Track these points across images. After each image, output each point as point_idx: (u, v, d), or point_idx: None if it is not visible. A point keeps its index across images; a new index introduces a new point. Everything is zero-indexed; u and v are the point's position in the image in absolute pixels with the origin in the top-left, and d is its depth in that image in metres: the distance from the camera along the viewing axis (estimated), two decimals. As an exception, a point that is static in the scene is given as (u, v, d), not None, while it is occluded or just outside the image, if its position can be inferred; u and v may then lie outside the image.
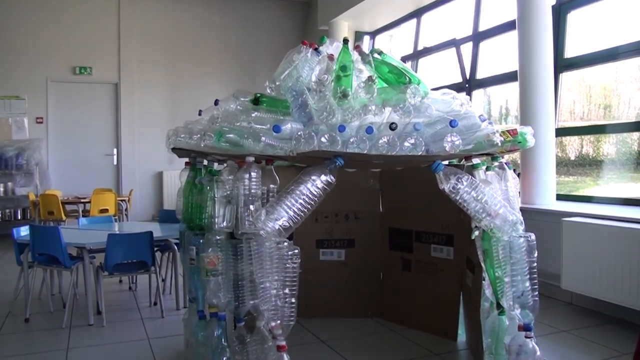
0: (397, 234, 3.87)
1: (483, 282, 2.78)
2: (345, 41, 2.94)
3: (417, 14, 7.74)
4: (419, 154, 2.42)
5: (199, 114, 3.00)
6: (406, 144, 2.41)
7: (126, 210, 7.84)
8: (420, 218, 3.72)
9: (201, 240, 2.70)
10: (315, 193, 2.28)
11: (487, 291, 2.77)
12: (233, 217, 2.56)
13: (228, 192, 2.58)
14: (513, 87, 6.35)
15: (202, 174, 2.88)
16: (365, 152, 2.38)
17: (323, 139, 2.37)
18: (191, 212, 2.85)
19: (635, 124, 4.77)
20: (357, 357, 3.14)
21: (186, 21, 9.43)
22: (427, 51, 7.55)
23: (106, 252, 3.84)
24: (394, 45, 8.69)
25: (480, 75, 6.45)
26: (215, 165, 2.93)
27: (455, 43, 6.86)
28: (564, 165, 5.59)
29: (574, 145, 5.72)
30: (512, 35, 5.72)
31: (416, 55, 7.72)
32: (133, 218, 8.46)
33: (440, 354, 3.20)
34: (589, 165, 5.86)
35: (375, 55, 3.05)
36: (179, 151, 2.96)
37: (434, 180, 3.54)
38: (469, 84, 6.55)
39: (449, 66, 7.03)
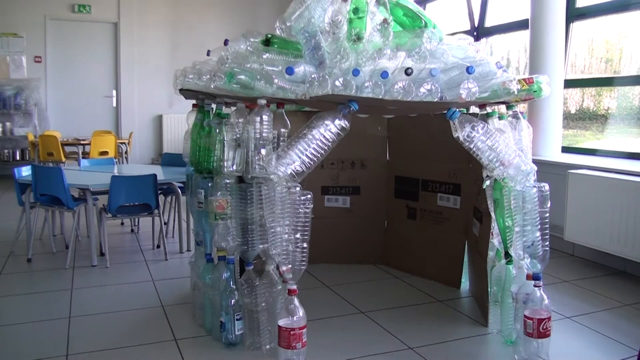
0: (403, 182, 3.85)
1: (491, 231, 2.78)
2: (360, -19, 2.83)
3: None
4: (435, 100, 2.36)
5: (207, 54, 2.92)
6: (422, 90, 2.35)
7: (126, 153, 7.80)
8: (427, 167, 3.69)
9: (209, 184, 2.67)
10: (329, 138, 2.24)
11: (495, 240, 2.77)
12: (243, 161, 2.52)
13: (238, 136, 2.54)
14: (516, 37, 6.25)
15: (211, 117, 2.82)
16: (380, 97, 2.32)
17: (337, 83, 2.31)
18: (199, 155, 2.81)
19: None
20: (361, 302, 3.17)
21: (187, -41, 9.16)
22: (435, -4, 7.36)
23: (110, 194, 3.82)
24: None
25: (489, 23, 6.31)
26: (224, 108, 2.88)
27: (464, -12, 6.67)
28: (564, 118, 5.53)
29: (574, 99, 5.66)
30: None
31: (423, 0, 7.53)
32: (132, 161, 8.43)
33: (444, 301, 3.24)
34: (589, 119, 5.81)
35: (389, -3, 2.94)
36: (186, 92, 2.89)
37: (444, 129, 3.50)
38: (477, 32, 6.41)
39: (457, 12, 6.87)
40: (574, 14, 4.88)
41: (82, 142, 7.28)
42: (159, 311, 3.05)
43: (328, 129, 2.24)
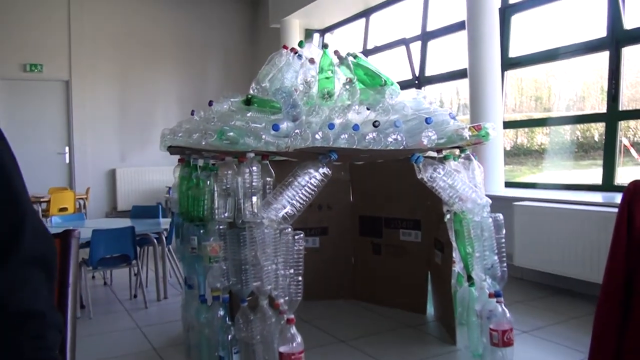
0: (367, 221, 4.21)
1: (453, 259, 3.16)
2: (325, 46, 3.24)
3: (366, 13, 8.10)
4: (401, 148, 2.74)
5: (192, 114, 3.23)
6: (389, 139, 2.74)
7: (84, 207, 7.87)
8: (388, 206, 4.07)
9: (202, 231, 2.94)
10: (314, 184, 2.57)
11: (458, 266, 3.14)
12: (233, 208, 2.81)
13: (228, 186, 2.83)
14: (451, 85, 6.85)
15: (198, 170, 3.11)
16: (354, 147, 2.69)
17: (317, 136, 2.66)
18: (188, 205, 3.08)
19: (577, 117, 5.28)
20: (339, 332, 3.45)
21: (137, 19, 9.44)
22: (377, 50, 7.91)
23: (91, 247, 3.99)
24: (342, 43, 9.03)
25: (428, 72, 6.87)
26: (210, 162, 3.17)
27: (405, 42, 7.25)
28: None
29: (509, 136, 6.18)
30: (458, 36, 6.19)
31: (366, 54, 8.07)
32: (89, 216, 8.47)
33: (413, 326, 3.57)
34: (523, 154, 6.37)
35: (350, 58, 3.36)
36: (173, 149, 3.18)
37: (402, 171, 3.91)
38: (418, 81, 6.96)
39: (398, 64, 7.43)
40: (507, 63, 5.47)
41: (41, 199, 7.32)
42: (153, 354, 3.24)
43: (313, 177, 2.57)
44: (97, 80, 9.19)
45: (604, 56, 4.71)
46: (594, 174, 5.02)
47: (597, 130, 5.56)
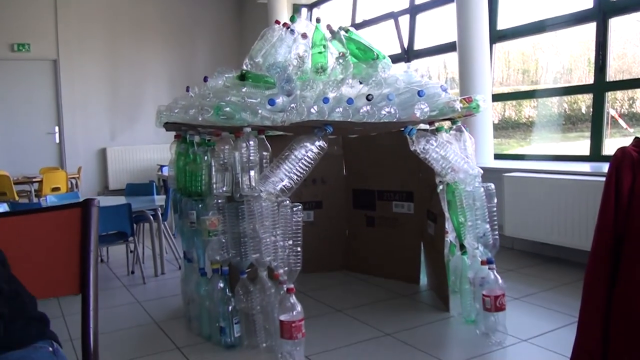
0: (361, 194, 4.29)
1: (446, 229, 3.24)
2: (318, 20, 3.27)
3: (355, -13, 8.08)
4: (394, 120, 2.80)
5: (187, 90, 3.26)
6: (383, 112, 2.79)
7: (77, 187, 7.88)
8: (381, 179, 4.14)
9: (200, 205, 3.00)
10: (311, 157, 2.63)
11: (451, 236, 3.23)
12: (231, 182, 2.87)
13: (225, 161, 2.88)
14: (438, 59, 6.89)
15: (195, 146, 3.15)
16: (349, 120, 2.74)
17: (312, 110, 2.71)
18: (186, 180, 3.12)
19: (564, 89, 5.35)
20: (335, 302, 3.54)
21: (123, -5, 9.38)
22: (365, 24, 7.91)
23: (88, 225, 4.03)
24: (330, 18, 9.00)
25: (417, 46, 6.90)
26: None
27: (393, 15, 7.25)
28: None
29: (497, 109, 6.25)
30: (446, 9, 6.23)
31: (354, 28, 8.04)
32: (83, 195, 8.48)
33: (407, 295, 3.67)
34: (511, 128, 6.45)
35: (342, 33, 3.39)
36: (169, 125, 3.21)
37: (393, 144, 3.97)
38: (407, 55, 6.98)
39: (386, 38, 7.44)
40: (495, 36, 5.51)
41: (33, 180, 7.33)
42: (154, 327, 3.32)
43: (309, 150, 2.63)
44: (86, 59, 9.13)
45: (591, 28, 4.76)
46: (582, 146, 5.11)
47: (585, 102, 5.64)
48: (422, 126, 3.47)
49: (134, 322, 3.43)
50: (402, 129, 2.92)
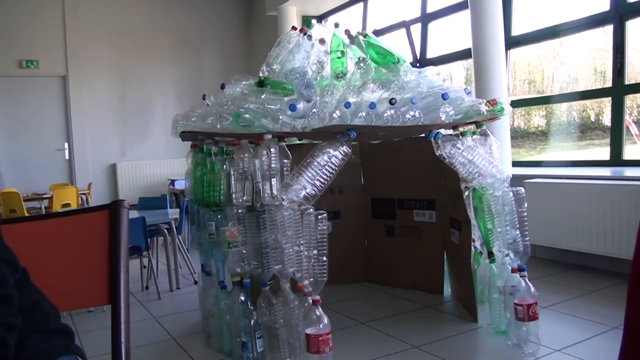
0: (380, 203, 4.19)
1: (472, 236, 3.14)
2: (336, 25, 3.20)
3: (364, -3, 8.05)
4: (420, 124, 2.71)
5: (203, 99, 3.19)
6: (407, 116, 2.70)
7: (87, 203, 7.82)
8: (401, 187, 4.04)
9: (219, 216, 2.91)
10: (335, 163, 2.54)
11: (477, 244, 3.12)
12: (251, 192, 2.78)
13: (245, 169, 2.80)
14: (445, 68, 6.83)
15: (212, 155, 3.07)
16: (373, 124, 2.66)
17: (335, 115, 2.62)
18: (204, 191, 3.04)
19: (583, 92, 5.26)
20: (358, 315, 3.43)
21: (131, 11, 9.36)
22: (376, 33, 7.85)
23: (102, 239, 3.95)
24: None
25: (430, 54, 6.83)
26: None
27: (405, 24, 7.20)
28: (499, 138, 6.04)
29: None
30: (459, 16, 6.18)
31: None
32: (93, 211, 8.42)
33: (432, 306, 3.55)
34: (520, 137, 6.37)
35: (361, 37, 3.31)
36: (186, 134, 3.14)
37: (412, 152, 3.89)
38: (419, 63, 6.91)
39: (398, 47, 7.39)
40: (511, 42, 5.43)
41: (43, 196, 7.26)
42: (172, 343, 3.22)
43: (333, 156, 2.54)
44: (94, 74, 9.11)
45: (597, 35, 4.72)
46: (592, 153, 5.07)
47: (594, 110, 5.59)
48: (444, 131, 3.39)
49: (151, 338, 3.33)
50: (426, 133, 2.83)
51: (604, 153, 5.11)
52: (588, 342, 2.78)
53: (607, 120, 5.53)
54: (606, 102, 5.48)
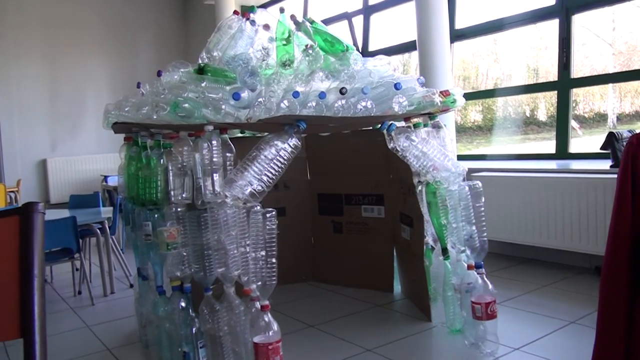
0: (326, 199, 4.02)
1: (425, 232, 3.02)
2: (282, 10, 3.00)
3: (306, -13, 7.86)
4: (372, 115, 2.55)
5: (138, 87, 2.93)
6: (359, 106, 2.54)
7: (16, 201, 7.33)
8: (348, 182, 3.89)
9: (156, 215, 2.67)
10: (284, 157, 2.35)
11: (430, 240, 3.01)
12: (191, 188, 2.56)
13: (184, 164, 2.57)
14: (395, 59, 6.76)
15: (147, 149, 2.82)
16: (323, 115, 2.48)
17: (283, 105, 2.43)
18: (139, 188, 2.79)
19: (528, 86, 5.27)
20: (306, 317, 3.26)
21: (61, -2, 8.85)
22: (319, 25, 7.68)
23: (27, 242, 3.62)
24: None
25: (372, 47, 6.72)
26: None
27: (347, 16, 7.07)
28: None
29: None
30: (400, 8, 6.12)
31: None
32: (20, 210, 7.91)
33: (382, 305, 3.42)
34: (457, 132, 6.39)
35: (307, 24, 3.14)
36: (118, 126, 2.87)
37: (360, 144, 3.75)
38: (362, 56, 6.78)
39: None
40: (454, 35, 5.37)
41: (-35, 195, 6.74)
42: (107, 354, 2.96)
43: (282, 149, 2.35)
44: (23, 65, 8.54)
45: (530, 33, 4.74)
46: (528, 148, 5.16)
47: (529, 106, 5.67)
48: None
49: (83, 349, 3.05)
50: (376, 125, 2.68)
51: (541, 147, 5.18)
52: (547, 338, 2.71)
53: (541, 115, 5.63)
54: (541, 98, 5.57)
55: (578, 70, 4.60)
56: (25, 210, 1.04)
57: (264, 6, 8.74)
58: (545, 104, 5.62)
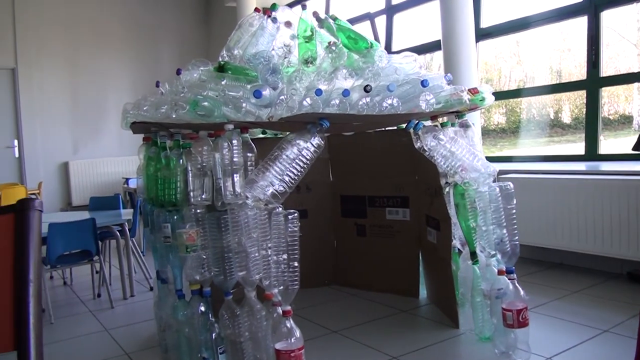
0: (350, 201, 3.93)
1: (453, 235, 2.91)
2: (304, 7, 2.93)
3: (328, -12, 7.79)
4: (399, 112, 2.46)
5: (157, 86, 2.87)
6: (384, 104, 2.45)
7: (37, 204, 7.35)
8: (372, 183, 3.79)
9: (175, 217, 2.60)
10: (307, 156, 2.27)
11: (457, 243, 2.90)
12: (211, 189, 2.49)
13: (203, 164, 2.50)
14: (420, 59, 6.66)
15: (167, 149, 2.76)
16: (347, 113, 2.39)
17: (305, 103, 2.35)
18: (158, 189, 2.72)
19: (556, 85, 5.13)
20: (329, 322, 3.17)
21: (84, 2, 8.88)
22: (341, 25, 7.60)
23: (47, 244, 3.59)
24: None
25: (395, 47, 6.62)
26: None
27: (369, 16, 6.97)
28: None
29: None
30: (423, 9, 6.03)
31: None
32: (44, 211, 7.93)
33: (407, 311, 3.31)
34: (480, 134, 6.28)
35: (330, 20, 3.05)
36: (137, 126, 2.81)
37: (384, 145, 3.65)
38: (386, 56, 6.69)
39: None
40: (480, 34, 5.25)
41: (-12, 196, 6.78)
42: (125, 359, 2.89)
43: (305, 148, 2.27)
44: (46, 68, 8.61)
45: (553, 35, 4.61)
46: (552, 150, 5.18)
47: (553, 107, 5.53)
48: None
49: (102, 354, 2.99)
50: (405, 124, 2.59)
51: (566, 149, 5.04)
52: (579, 347, 2.58)
53: (565, 117, 5.49)
54: (565, 100, 5.43)
55: (603, 71, 4.45)
56: (21, 207, 0.94)
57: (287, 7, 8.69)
58: (569, 106, 5.49)
